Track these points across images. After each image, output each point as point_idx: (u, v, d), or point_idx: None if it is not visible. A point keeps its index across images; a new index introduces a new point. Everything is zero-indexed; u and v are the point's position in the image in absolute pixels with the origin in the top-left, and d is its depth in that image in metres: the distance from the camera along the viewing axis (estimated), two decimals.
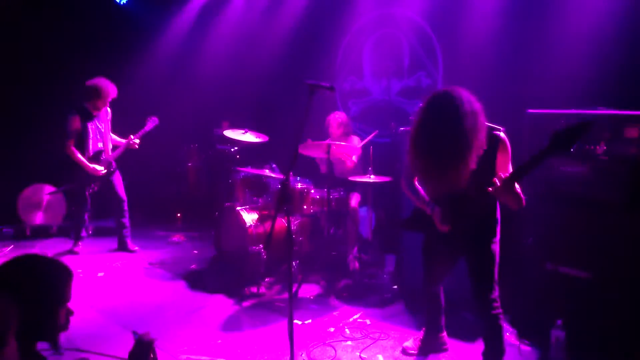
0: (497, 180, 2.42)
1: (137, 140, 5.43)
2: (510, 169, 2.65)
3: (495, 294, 2.78)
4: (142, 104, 6.40)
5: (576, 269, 3.25)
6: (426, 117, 2.56)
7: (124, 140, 5.45)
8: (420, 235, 3.10)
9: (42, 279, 1.80)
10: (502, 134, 2.65)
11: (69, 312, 1.90)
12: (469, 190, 2.61)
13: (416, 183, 2.97)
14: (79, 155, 5.14)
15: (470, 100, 2.48)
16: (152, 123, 5.53)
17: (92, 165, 5.20)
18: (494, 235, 2.79)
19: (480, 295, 2.79)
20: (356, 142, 5.12)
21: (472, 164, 2.47)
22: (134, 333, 2.17)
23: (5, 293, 1.53)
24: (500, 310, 2.79)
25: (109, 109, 5.37)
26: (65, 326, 1.89)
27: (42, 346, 1.90)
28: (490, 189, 2.44)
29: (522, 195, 2.48)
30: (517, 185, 2.44)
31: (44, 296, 1.79)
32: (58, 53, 6.57)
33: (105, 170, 5.32)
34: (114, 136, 5.50)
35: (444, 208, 2.76)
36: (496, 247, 2.79)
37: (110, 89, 5.21)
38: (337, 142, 4.47)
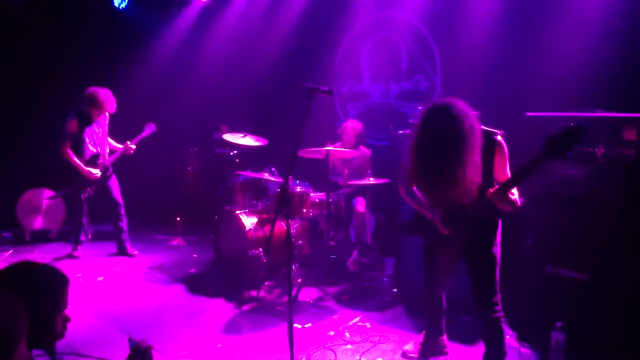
0: (491, 190, 2.45)
1: (134, 146, 5.43)
2: (508, 171, 2.68)
3: (497, 297, 2.78)
4: (141, 108, 6.41)
5: (575, 271, 3.26)
6: (425, 132, 2.56)
7: (120, 146, 5.45)
8: (419, 238, 3.10)
9: (41, 286, 1.80)
10: (499, 137, 2.67)
11: (66, 319, 1.89)
12: (469, 199, 2.62)
13: (414, 189, 2.98)
14: (75, 159, 5.15)
15: (468, 115, 2.48)
16: (149, 129, 5.53)
17: (87, 169, 5.20)
18: (495, 238, 2.80)
19: (482, 298, 2.79)
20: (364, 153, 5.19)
21: (476, 179, 2.47)
22: (130, 340, 2.15)
23: (15, 293, 1.53)
24: (501, 314, 2.80)
25: (107, 114, 5.37)
26: (62, 334, 1.88)
27: (37, 353, 1.90)
28: (489, 192, 2.46)
29: (517, 200, 2.49)
30: (512, 192, 2.47)
31: (44, 303, 1.79)
32: (57, 57, 6.58)
33: (101, 175, 5.31)
34: (111, 141, 5.51)
35: (445, 212, 2.77)
36: (497, 250, 2.80)
37: (108, 103, 5.20)
38: (334, 148, 4.49)
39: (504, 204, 2.48)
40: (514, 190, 2.55)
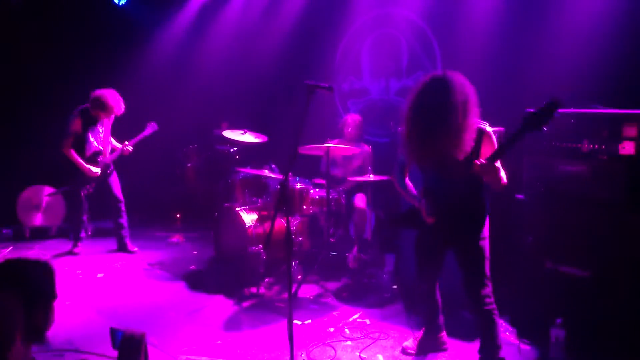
0: (477, 163, 2.52)
1: (130, 148, 5.42)
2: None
3: (487, 289, 2.81)
4: (141, 105, 6.39)
5: (575, 267, 3.26)
6: (422, 95, 2.65)
7: (120, 145, 5.45)
8: (419, 235, 3.11)
9: (33, 281, 1.82)
10: (487, 128, 2.73)
11: (53, 307, 1.91)
12: (455, 180, 2.68)
13: (407, 180, 3.02)
14: (76, 156, 5.15)
15: (465, 84, 2.58)
16: (150, 129, 5.53)
17: (87, 166, 5.20)
18: (482, 233, 2.83)
19: (472, 291, 2.83)
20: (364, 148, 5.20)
21: (465, 144, 2.55)
22: (112, 330, 2.15)
23: (11, 292, 1.53)
24: (493, 306, 2.81)
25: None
26: (52, 321, 1.90)
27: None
28: (476, 163, 2.52)
29: (503, 177, 2.60)
30: (498, 165, 2.56)
31: (38, 296, 1.81)
32: (57, 54, 6.57)
33: (101, 172, 5.31)
34: (112, 140, 5.50)
35: (430, 199, 2.81)
36: (485, 244, 2.83)
37: (116, 107, 5.16)
38: (335, 145, 4.48)
39: (491, 174, 2.55)
40: (502, 173, 2.63)
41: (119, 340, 2.44)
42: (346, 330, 3.65)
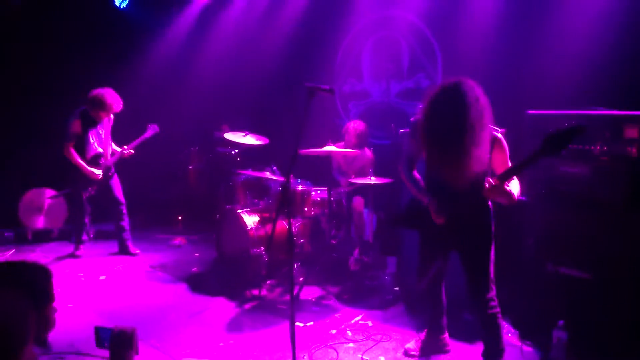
0: (487, 184, 2.46)
1: (132, 151, 5.43)
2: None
3: (492, 293, 2.80)
4: (142, 107, 6.41)
5: (577, 269, 3.26)
6: (437, 106, 2.57)
7: (119, 149, 5.46)
8: (421, 236, 3.11)
9: (37, 282, 1.82)
10: (498, 134, 2.69)
11: (54, 310, 1.92)
12: (465, 186, 2.64)
13: (415, 172, 3.00)
14: (78, 158, 5.15)
15: (479, 94, 2.50)
16: (151, 130, 5.52)
17: (89, 169, 5.21)
18: (489, 235, 2.81)
19: (476, 295, 2.81)
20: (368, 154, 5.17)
21: (480, 160, 2.50)
22: (97, 329, 2.15)
23: (23, 295, 1.54)
24: (497, 310, 2.81)
25: (112, 115, 5.37)
26: (54, 324, 1.90)
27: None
28: (485, 186, 2.47)
29: (513, 193, 2.50)
30: (508, 186, 2.49)
31: (39, 299, 1.82)
32: (58, 57, 6.58)
33: (103, 175, 5.32)
34: (112, 144, 5.51)
35: (441, 199, 2.77)
36: (491, 247, 2.80)
37: (115, 104, 5.18)
38: (336, 148, 4.48)
39: (501, 196, 2.50)
40: (516, 186, 2.56)
41: (107, 338, 2.44)
42: (348, 332, 3.65)
